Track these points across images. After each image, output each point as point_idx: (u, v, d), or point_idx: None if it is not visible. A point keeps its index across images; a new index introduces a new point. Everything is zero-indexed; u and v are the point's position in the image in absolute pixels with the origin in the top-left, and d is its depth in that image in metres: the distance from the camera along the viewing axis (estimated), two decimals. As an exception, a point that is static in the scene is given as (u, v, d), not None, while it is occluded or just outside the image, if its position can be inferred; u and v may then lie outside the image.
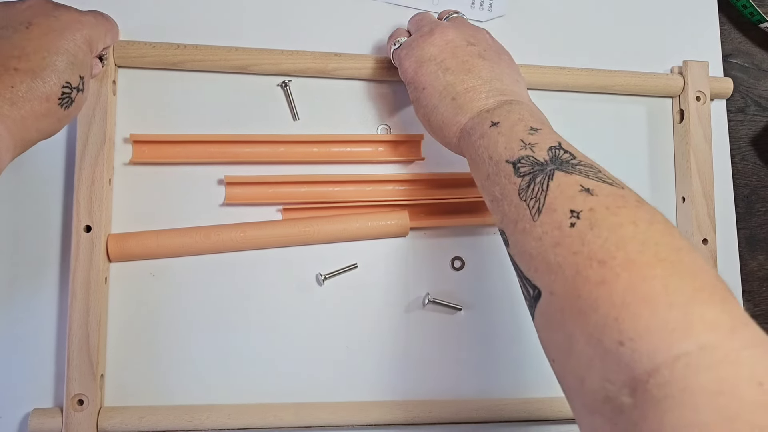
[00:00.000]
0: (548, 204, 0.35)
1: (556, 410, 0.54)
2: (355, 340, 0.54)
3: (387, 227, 0.54)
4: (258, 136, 0.54)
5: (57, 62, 0.40)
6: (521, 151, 0.38)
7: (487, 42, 0.48)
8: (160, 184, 0.53)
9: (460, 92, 0.45)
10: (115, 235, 0.51)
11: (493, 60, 0.47)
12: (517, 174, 0.37)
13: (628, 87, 0.59)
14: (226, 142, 0.53)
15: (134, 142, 0.52)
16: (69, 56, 0.40)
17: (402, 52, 0.50)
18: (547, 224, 0.34)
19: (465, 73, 0.46)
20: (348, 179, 0.55)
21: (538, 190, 0.36)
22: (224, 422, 0.50)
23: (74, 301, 0.48)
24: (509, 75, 0.47)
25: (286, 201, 0.54)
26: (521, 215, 0.36)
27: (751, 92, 0.65)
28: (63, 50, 0.40)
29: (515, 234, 0.36)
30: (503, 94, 0.45)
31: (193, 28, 0.55)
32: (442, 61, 0.47)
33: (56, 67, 0.39)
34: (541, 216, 0.35)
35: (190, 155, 0.53)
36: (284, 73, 0.55)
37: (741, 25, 0.66)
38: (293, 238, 0.53)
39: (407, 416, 0.52)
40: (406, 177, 0.56)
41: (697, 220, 0.57)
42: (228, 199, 0.53)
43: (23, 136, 0.38)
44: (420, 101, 0.47)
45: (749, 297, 0.62)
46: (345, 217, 0.54)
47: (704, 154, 0.58)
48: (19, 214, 0.52)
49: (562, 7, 0.62)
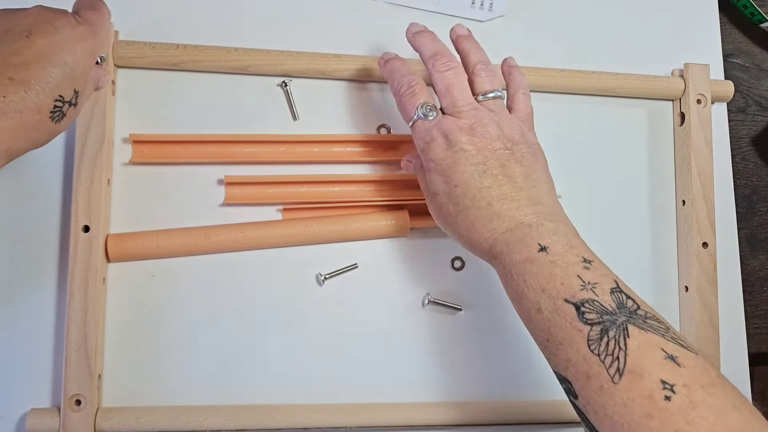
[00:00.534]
0: (630, 366, 0.34)
1: (557, 413, 0.54)
2: (355, 340, 0.54)
3: (387, 227, 0.54)
4: (258, 136, 0.54)
5: (53, 74, 0.39)
6: (583, 293, 0.37)
7: (526, 142, 0.47)
8: (159, 184, 0.53)
9: (496, 198, 0.44)
10: (114, 235, 0.51)
11: (530, 166, 0.46)
12: (583, 320, 0.37)
13: (628, 90, 0.59)
14: (226, 142, 0.53)
15: (134, 142, 0.52)
16: (66, 69, 0.39)
17: (434, 132, 0.46)
18: (633, 391, 0.33)
19: (503, 177, 0.44)
20: (348, 179, 0.55)
21: (614, 346, 0.35)
22: (222, 423, 0.50)
23: (72, 301, 0.48)
24: (545, 182, 0.46)
25: (286, 201, 0.54)
26: (595, 371, 0.35)
27: (752, 92, 0.65)
28: (61, 62, 0.39)
29: (588, 390, 0.35)
30: (541, 204, 0.44)
31: (193, 29, 0.55)
32: (481, 162, 0.45)
33: (51, 79, 0.38)
34: (623, 379, 0.34)
35: (190, 155, 0.53)
36: (284, 74, 0.55)
37: (741, 25, 0.66)
38: (293, 238, 0.53)
39: (407, 418, 0.52)
40: (406, 177, 0.55)
41: (698, 223, 0.57)
42: (228, 199, 0.53)
43: (11, 146, 0.38)
44: (451, 196, 0.45)
45: (750, 297, 0.62)
46: (345, 217, 0.54)
47: (705, 156, 0.58)
48: (18, 215, 0.51)
49: (563, 9, 0.61)
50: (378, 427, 0.52)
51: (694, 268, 0.57)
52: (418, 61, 0.51)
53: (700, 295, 0.57)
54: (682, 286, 0.59)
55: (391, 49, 0.57)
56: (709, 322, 0.56)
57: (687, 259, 0.58)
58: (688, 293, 0.58)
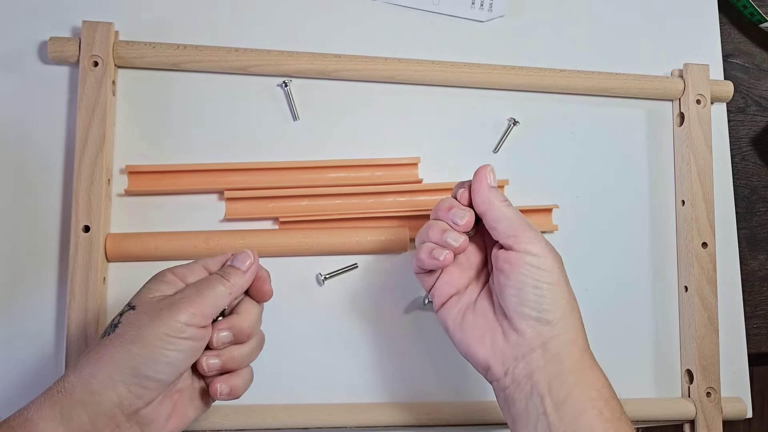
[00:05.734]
0: None
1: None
2: (355, 340, 0.54)
3: (386, 242, 0.54)
4: (255, 164, 0.53)
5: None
6: None
7: None
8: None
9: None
10: (113, 234, 0.51)
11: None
12: None
13: (628, 90, 0.59)
14: (224, 170, 0.53)
15: (129, 173, 0.52)
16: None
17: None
18: None
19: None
20: (348, 192, 0.54)
21: None
22: (222, 423, 0.50)
23: (72, 301, 0.48)
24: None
25: (287, 215, 0.54)
26: None
27: (752, 92, 0.65)
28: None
29: None
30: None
31: (193, 29, 0.55)
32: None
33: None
34: None
35: (187, 184, 0.53)
36: (284, 74, 0.55)
37: (741, 25, 0.66)
38: (292, 248, 0.53)
39: (407, 418, 0.52)
40: (405, 188, 0.55)
41: (697, 223, 0.57)
42: (228, 215, 0.53)
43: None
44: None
45: (749, 297, 0.62)
46: (344, 230, 0.54)
47: (704, 157, 0.58)
48: (18, 214, 0.51)
49: (563, 9, 0.61)
50: (378, 427, 0.52)
51: (694, 268, 0.57)
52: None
53: (700, 295, 0.57)
54: (681, 286, 0.59)
55: (390, 48, 0.57)
56: (709, 322, 0.56)
57: (686, 259, 0.58)
58: (687, 293, 0.58)
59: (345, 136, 0.56)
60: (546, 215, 0.57)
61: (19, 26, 0.53)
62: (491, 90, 0.58)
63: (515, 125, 0.58)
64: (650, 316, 0.59)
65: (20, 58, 0.53)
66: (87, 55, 0.50)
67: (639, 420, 0.56)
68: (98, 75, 0.50)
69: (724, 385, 0.57)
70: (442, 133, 0.57)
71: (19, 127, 0.52)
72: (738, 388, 0.59)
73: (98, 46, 0.50)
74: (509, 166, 0.58)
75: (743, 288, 0.61)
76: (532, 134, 0.59)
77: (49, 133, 0.52)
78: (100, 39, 0.50)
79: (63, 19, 0.53)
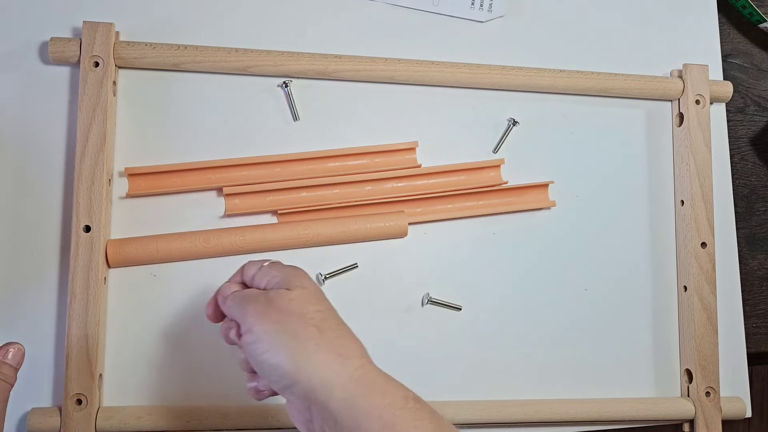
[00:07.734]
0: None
1: (556, 412, 0.54)
2: (355, 340, 0.54)
3: (386, 228, 0.54)
4: (253, 159, 0.54)
5: None
6: None
7: None
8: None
9: None
10: (114, 240, 0.51)
11: None
12: None
13: (627, 90, 0.59)
14: (223, 167, 0.53)
15: (129, 176, 0.52)
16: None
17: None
18: None
19: None
20: (346, 180, 0.55)
21: None
22: (222, 423, 0.50)
23: (73, 301, 0.48)
24: None
25: (286, 206, 0.54)
26: None
27: (751, 92, 0.65)
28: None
29: None
30: None
31: (194, 29, 0.55)
32: None
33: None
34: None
35: (187, 183, 0.53)
36: (284, 74, 0.55)
37: (740, 25, 0.66)
38: (292, 242, 0.53)
39: (406, 416, 0.52)
40: (403, 174, 0.56)
41: (696, 223, 0.57)
42: (228, 211, 0.53)
43: None
44: None
45: (748, 296, 0.62)
46: (343, 219, 0.54)
47: (704, 157, 0.58)
48: (19, 215, 0.52)
49: (562, 9, 0.62)
50: (378, 427, 0.52)
51: (693, 268, 0.57)
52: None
53: (699, 294, 0.57)
54: (680, 285, 0.59)
55: (390, 49, 0.57)
56: (708, 321, 0.57)
57: (686, 258, 0.58)
58: (686, 293, 0.58)
59: (345, 136, 0.56)
60: (542, 191, 0.58)
61: (20, 27, 0.53)
62: (491, 90, 0.58)
63: (515, 125, 0.58)
64: (649, 316, 0.59)
65: (21, 59, 0.53)
66: (88, 56, 0.50)
67: (638, 420, 0.56)
68: (99, 75, 0.50)
69: (723, 385, 0.57)
70: (442, 133, 0.58)
71: (20, 127, 0.52)
72: (737, 387, 0.59)
73: (99, 46, 0.51)
74: (509, 166, 0.58)
75: (742, 287, 0.61)
76: (531, 134, 0.59)
77: (49, 133, 0.52)
78: (100, 39, 0.51)
79: (64, 19, 0.53)
